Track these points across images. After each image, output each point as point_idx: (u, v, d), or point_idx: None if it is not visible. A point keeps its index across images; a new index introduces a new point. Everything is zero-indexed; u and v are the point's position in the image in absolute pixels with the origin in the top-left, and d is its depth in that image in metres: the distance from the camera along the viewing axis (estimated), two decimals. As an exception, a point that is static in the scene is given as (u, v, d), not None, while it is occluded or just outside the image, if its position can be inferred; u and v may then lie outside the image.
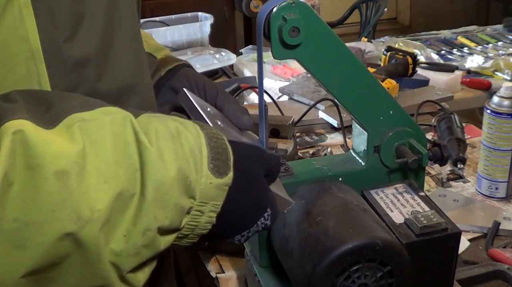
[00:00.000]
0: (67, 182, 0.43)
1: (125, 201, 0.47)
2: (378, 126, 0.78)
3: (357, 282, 0.65)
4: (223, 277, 0.98)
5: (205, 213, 0.52)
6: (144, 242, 0.48)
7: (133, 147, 0.47)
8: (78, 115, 0.47)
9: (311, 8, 0.69)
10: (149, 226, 0.48)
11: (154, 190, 0.48)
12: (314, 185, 0.76)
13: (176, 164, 0.49)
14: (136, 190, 0.47)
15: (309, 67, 0.72)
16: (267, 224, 0.58)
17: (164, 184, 0.48)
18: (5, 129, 0.42)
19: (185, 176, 0.50)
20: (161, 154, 0.48)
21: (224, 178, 0.52)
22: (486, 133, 1.12)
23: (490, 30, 2.53)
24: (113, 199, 0.45)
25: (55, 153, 0.43)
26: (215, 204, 0.52)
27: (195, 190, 0.51)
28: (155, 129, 0.50)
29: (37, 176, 0.42)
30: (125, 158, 0.47)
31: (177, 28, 2.20)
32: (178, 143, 0.50)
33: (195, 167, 0.51)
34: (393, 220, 0.72)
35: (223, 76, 2.12)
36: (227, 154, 0.54)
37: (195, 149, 0.51)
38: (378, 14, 3.52)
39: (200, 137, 0.52)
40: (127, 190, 0.46)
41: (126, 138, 0.47)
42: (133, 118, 0.49)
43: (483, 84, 1.88)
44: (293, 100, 1.69)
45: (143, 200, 0.47)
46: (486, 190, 1.15)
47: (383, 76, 1.59)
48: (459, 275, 0.88)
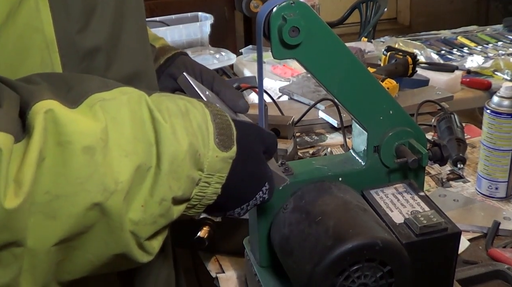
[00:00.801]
0: (93, 156, 0.47)
1: (142, 174, 0.51)
2: (378, 126, 0.78)
3: (357, 282, 0.65)
4: (223, 277, 0.98)
5: (211, 184, 0.57)
6: (160, 211, 0.52)
7: (149, 124, 0.52)
8: (98, 95, 0.50)
9: (311, 8, 0.69)
10: (165, 196, 0.52)
11: (169, 163, 0.52)
12: (314, 185, 0.76)
13: (187, 139, 0.53)
14: (152, 163, 0.51)
15: (309, 67, 0.72)
16: (265, 197, 0.63)
17: (177, 157, 0.52)
18: (37, 109, 0.45)
19: (195, 150, 0.54)
20: (174, 130, 0.52)
21: (228, 152, 0.57)
22: (486, 133, 1.12)
23: (490, 30, 2.53)
24: (133, 172, 0.49)
25: (82, 130, 0.47)
26: (221, 175, 0.57)
27: (204, 163, 0.55)
28: (167, 107, 0.54)
29: (66, 152, 0.46)
30: (142, 134, 0.51)
31: (177, 28, 2.20)
32: (188, 120, 0.55)
33: (203, 142, 0.55)
34: (393, 220, 0.72)
35: (223, 76, 2.12)
36: (231, 130, 0.58)
37: (202, 125, 0.56)
38: (378, 14, 3.52)
39: (206, 114, 0.57)
40: (144, 163, 0.50)
41: (142, 115, 0.51)
42: (147, 97, 0.53)
43: (483, 84, 1.88)
44: (293, 100, 1.69)
45: (159, 172, 0.51)
46: (486, 190, 1.15)
47: (383, 76, 1.59)
48: (459, 275, 0.88)
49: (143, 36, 0.70)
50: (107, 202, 0.48)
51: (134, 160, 0.50)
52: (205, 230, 0.99)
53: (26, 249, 0.45)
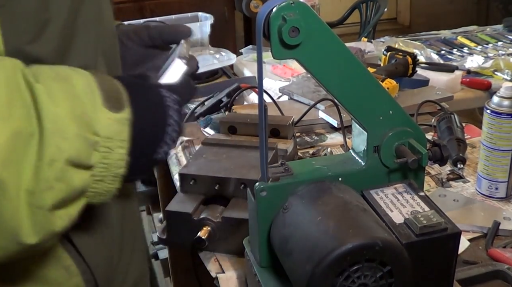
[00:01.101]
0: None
1: (25, 140, 0.49)
2: (378, 126, 0.78)
3: (357, 282, 0.65)
4: (223, 277, 0.97)
5: (114, 150, 0.56)
6: (54, 174, 0.51)
7: (24, 88, 0.51)
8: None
9: (311, 8, 0.69)
10: (54, 156, 0.51)
11: (52, 122, 0.51)
12: (314, 185, 0.76)
13: (67, 101, 0.53)
14: (33, 127, 0.50)
15: (309, 67, 0.72)
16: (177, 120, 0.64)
17: (59, 116, 0.52)
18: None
19: (80, 112, 0.53)
20: (49, 92, 0.52)
21: (121, 113, 0.57)
22: (486, 133, 1.12)
23: (490, 30, 2.53)
24: (11, 138, 0.48)
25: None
26: (121, 139, 0.56)
27: (96, 125, 0.54)
28: (44, 72, 0.54)
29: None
30: (18, 99, 0.50)
31: (177, 28, 2.19)
32: (69, 84, 0.54)
33: (90, 104, 0.55)
34: (393, 220, 0.72)
35: (223, 76, 2.12)
36: (119, 92, 0.58)
37: (87, 89, 0.55)
38: (378, 14, 3.52)
39: (90, 81, 0.57)
40: (24, 128, 0.49)
41: (17, 80, 0.51)
42: (22, 64, 0.52)
43: (483, 84, 1.88)
44: (293, 100, 1.69)
45: (43, 133, 0.50)
46: (486, 190, 1.15)
47: (383, 76, 1.59)
48: (459, 275, 0.88)
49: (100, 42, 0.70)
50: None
51: (9, 125, 0.48)
52: (205, 230, 0.99)
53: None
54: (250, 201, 0.80)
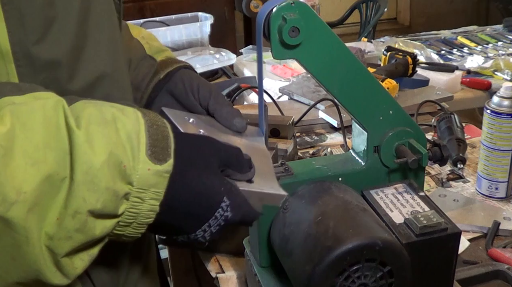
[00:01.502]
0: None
1: (55, 184, 0.48)
2: (378, 126, 0.78)
3: (357, 282, 0.65)
4: (223, 277, 0.97)
5: (145, 201, 0.52)
6: (75, 225, 0.49)
7: (64, 131, 0.49)
8: (8, 98, 0.48)
9: (311, 8, 0.69)
10: (78, 208, 0.49)
11: (83, 173, 0.48)
12: (314, 185, 0.76)
13: (106, 148, 0.50)
14: (66, 173, 0.48)
15: (309, 67, 0.72)
16: (228, 216, 0.57)
17: (92, 167, 0.49)
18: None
19: (118, 161, 0.50)
20: (89, 138, 0.49)
21: (163, 165, 0.52)
22: (486, 133, 1.12)
23: (490, 30, 2.53)
24: (42, 182, 0.47)
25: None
26: (156, 191, 0.52)
27: (132, 175, 0.51)
28: (88, 114, 0.51)
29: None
30: (55, 142, 0.48)
31: (177, 28, 2.20)
32: (113, 128, 0.51)
33: (131, 153, 0.51)
34: (393, 220, 0.72)
35: (223, 76, 2.12)
36: (167, 141, 0.54)
37: (132, 135, 0.52)
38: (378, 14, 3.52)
39: (139, 124, 0.53)
40: (56, 173, 0.48)
41: (58, 122, 0.49)
42: (65, 103, 0.50)
43: (483, 84, 1.88)
44: (293, 100, 1.69)
45: (72, 182, 0.48)
46: (486, 190, 1.15)
47: (383, 76, 1.59)
48: (459, 275, 0.88)
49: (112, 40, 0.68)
50: (7, 213, 0.45)
51: (42, 169, 0.47)
52: (205, 230, 0.99)
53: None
54: (250, 201, 0.80)
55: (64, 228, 0.49)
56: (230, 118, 0.75)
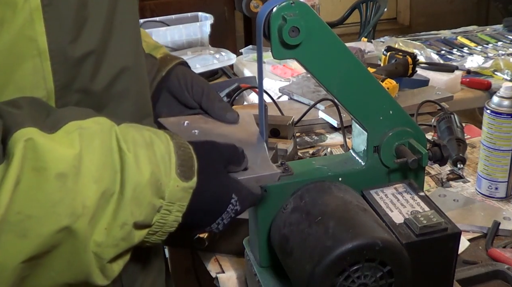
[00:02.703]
0: (66, 182, 0.51)
1: (107, 199, 0.54)
2: (378, 126, 0.78)
3: (357, 282, 0.65)
4: (223, 277, 0.98)
5: (172, 213, 0.60)
6: (122, 235, 0.56)
7: (116, 153, 0.56)
8: (76, 122, 0.55)
9: (311, 8, 0.69)
10: (127, 220, 0.56)
11: (132, 190, 0.56)
12: (314, 185, 0.76)
13: (149, 169, 0.57)
14: (115, 189, 0.55)
15: (309, 67, 0.72)
16: (238, 209, 0.66)
17: (139, 185, 0.56)
18: (18, 137, 0.50)
19: (156, 179, 0.58)
20: (137, 160, 0.56)
21: (189, 182, 0.60)
22: (486, 133, 1.12)
23: (490, 30, 2.53)
24: (99, 197, 0.53)
25: (57, 157, 0.51)
26: (181, 204, 0.60)
27: (165, 191, 0.59)
28: (133, 138, 0.58)
29: (41, 177, 0.50)
30: (109, 162, 0.55)
31: (177, 28, 2.20)
32: (152, 150, 0.58)
33: (165, 172, 0.59)
34: (393, 220, 0.72)
35: (223, 76, 2.12)
36: (192, 161, 0.62)
37: (165, 156, 0.59)
38: (378, 14, 3.52)
39: (169, 146, 0.61)
40: (109, 189, 0.54)
41: (111, 145, 0.56)
42: (117, 128, 0.57)
43: (483, 84, 1.88)
44: (293, 100, 1.69)
45: (122, 198, 0.55)
46: (486, 190, 1.15)
47: (383, 76, 1.59)
48: (459, 275, 0.88)
49: (135, 34, 0.72)
50: (74, 225, 0.51)
51: (100, 186, 0.53)
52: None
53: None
54: (250, 201, 0.80)
55: (112, 237, 0.55)
56: (223, 113, 0.83)
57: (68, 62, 0.59)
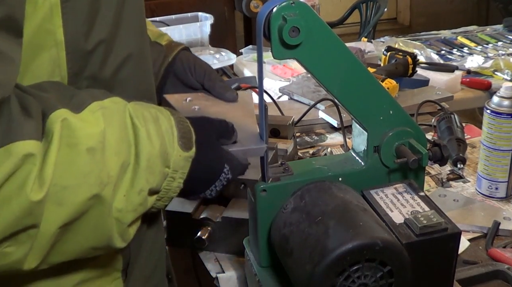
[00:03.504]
0: (95, 156, 0.57)
1: (124, 169, 0.61)
2: (378, 126, 0.78)
3: (357, 282, 0.65)
4: (223, 277, 0.98)
5: (176, 179, 0.67)
6: (140, 200, 0.63)
7: (130, 129, 0.62)
8: (98, 103, 0.61)
9: (311, 8, 0.69)
10: (143, 187, 0.63)
11: (146, 160, 0.62)
12: (314, 185, 0.76)
13: (159, 141, 0.64)
14: (131, 160, 0.62)
15: (309, 67, 0.72)
16: (229, 177, 0.73)
17: (152, 155, 0.63)
18: (55, 118, 0.56)
19: (164, 150, 0.65)
20: (148, 134, 0.63)
21: (189, 152, 0.68)
22: (486, 133, 1.12)
23: (490, 30, 2.53)
24: (120, 168, 0.60)
25: (87, 134, 0.57)
26: (183, 172, 0.67)
27: (170, 160, 0.66)
28: (142, 114, 0.64)
29: (74, 152, 0.56)
30: (125, 137, 0.61)
31: (177, 28, 2.20)
32: (158, 125, 0.65)
33: (169, 143, 0.66)
34: (393, 220, 0.72)
35: (223, 76, 2.11)
36: (191, 134, 0.69)
37: (169, 130, 0.66)
38: (378, 14, 3.52)
39: (171, 121, 0.68)
40: (126, 161, 0.61)
41: (125, 121, 0.62)
42: (129, 106, 0.64)
43: (483, 84, 1.88)
44: (293, 100, 1.69)
45: (138, 168, 0.62)
46: (486, 190, 1.15)
47: (383, 76, 1.59)
48: (459, 275, 0.88)
49: (140, 24, 0.76)
50: (102, 192, 0.58)
51: (120, 158, 0.60)
52: (205, 230, 0.99)
53: (39, 231, 0.55)
54: (250, 201, 0.80)
55: (131, 202, 0.61)
56: (223, 92, 0.90)
57: (81, 52, 0.64)
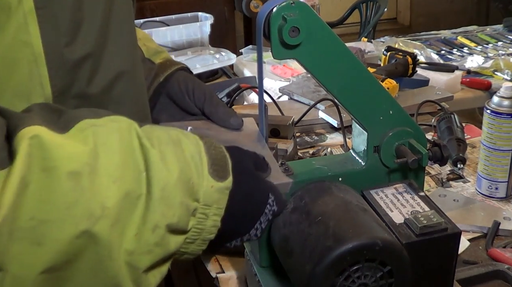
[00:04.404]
0: (80, 182, 0.47)
1: (133, 202, 0.50)
2: (378, 126, 0.78)
3: (357, 282, 0.65)
4: (223, 277, 0.98)
5: (209, 217, 0.56)
6: (155, 239, 0.51)
7: (138, 151, 0.51)
8: (89, 120, 0.51)
9: (311, 8, 0.69)
10: (158, 223, 0.51)
11: (160, 190, 0.51)
12: (314, 185, 0.76)
13: (178, 166, 0.53)
14: (142, 191, 0.51)
15: (309, 67, 0.72)
16: (275, 209, 0.64)
17: (168, 183, 0.52)
18: (23, 134, 0.45)
19: (187, 178, 0.53)
20: (163, 157, 0.52)
21: (224, 182, 0.56)
22: (486, 133, 1.12)
23: (490, 30, 2.53)
24: (121, 199, 0.49)
25: (68, 155, 0.47)
26: (218, 207, 0.56)
27: (198, 192, 0.55)
28: (157, 136, 0.54)
29: (51, 177, 0.46)
30: (131, 161, 0.51)
31: (177, 28, 2.20)
32: (179, 148, 0.54)
33: (196, 171, 0.55)
34: (393, 220, 0.72)
35: (223, 76, 2.12)
36: (225, 160, 0.58)
37: (195, 155, 0.55)
38: (378, 14, 3.52)
39: (199, 145, 0.57)
40: (134, 191, 0.50)
41: (132, 143, 0.51)
42: (137, 125, 0.53)
43: (483, 84, 1.88)
44: (293, 100, 1.69)
45: (150, 199, 0.51)
46: (486, 190, 1.15)
47: (383, 76, 1.59)
48: (459, 275, 0.88)
49: (130, 38, 0.70)
50: (93, 228, 0.47)
51: (122, 186, 0.49)
52: (205, 230, 0.99)
53: (8, 275, 0.45)
54: (250, 201, 0.80)
55: (144, 242, 0.51)
56: (227, 118, 0.80)
57: (65, 67, 0.58)
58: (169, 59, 0.90)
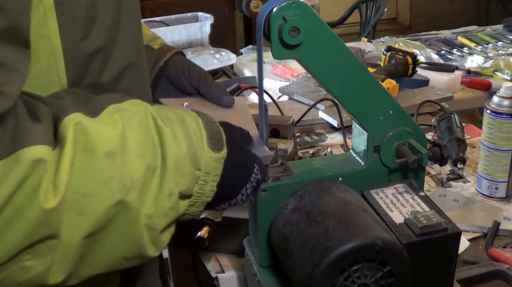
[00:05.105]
0: (114, 159, 0.55)
1: (151, 173, 0.58)
2: (378, 126, 0.78)
3: (357, 282, 0.65)
4: (223, 277, 0.98)
5: (208, 183, 0.65)
6: (170, 204, 0.60)
7: (154, 130, 0.60)
8: (116, 105, 0.59)
9: (311, 8, 0.69)
10: (173, 190, 0.60)
11: (173, 162, 0.60)
12: (314, 185, 0.76)
13: (186, 142, 0.61)
14: (158, 163, 0.59)
15: (309, 67, 0.72)
16: (259, 177, 0.71)
17: (180, 156, 0.60)
18: (68, 122, 0.53)
19: (193, 151, 0.62)
20: (174, 134, 0.60)
21: (220, 153, 0.65)
22: (486, 133, 1.12)
23: (490, 30, 2.53)
24: (145, 171, 0.57)
25: (104, 137, 0.55)
26: (215, 174, 0.65)
27: (200, 162, 0.63)
28: (167, 115, 0.62)
29: (91, 157, 0.54)
30: (148, 139, 0.59)
31: (177, 28, 2.20)
32: (185, 125, 0.63)
33: (198, 144, 0.63)
34: (393, 220, 0.72)
35: (223, 76, 2.12)
36: (221, 134, 0.66)
37: (197, 130, 0.64)
38: (378, 14, 3.52)
39: (198, 121, 0.65)
40: (152, 164, 0.58)
41: (148, 123, 0.60)
42: (151, 107, 0.61)
43: (483, 84, 1.88)
44: (293, 100, 1.69)
45: (165, 170, 0.59)
46: (486, 190, 1.15)
47: (383, 76, 1.59)
48: (459, 275, 0.88)
49: (137, 32, 0.75)
50: (125, 198, 0.55)
51: (144, 161, 0.57)
52: (205, 230, 0.99)
53: (59, 242, 0.52)
54: (250, 201, 0.80)
55: (161, 207, 0.59)
56: (220, 97, 0.89)
57: (79, 59, 0.62)
58: (165, 45, 0.99)
